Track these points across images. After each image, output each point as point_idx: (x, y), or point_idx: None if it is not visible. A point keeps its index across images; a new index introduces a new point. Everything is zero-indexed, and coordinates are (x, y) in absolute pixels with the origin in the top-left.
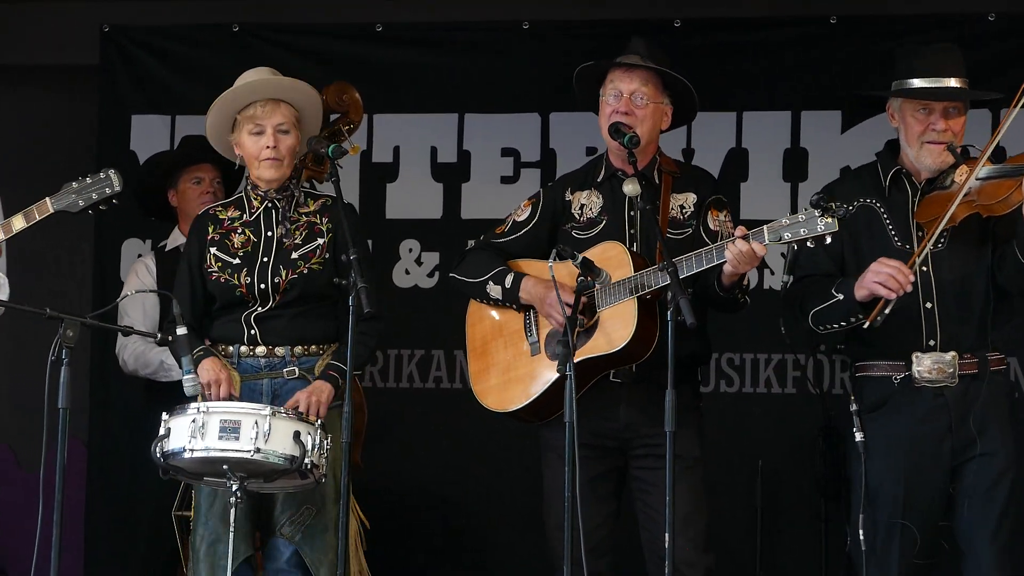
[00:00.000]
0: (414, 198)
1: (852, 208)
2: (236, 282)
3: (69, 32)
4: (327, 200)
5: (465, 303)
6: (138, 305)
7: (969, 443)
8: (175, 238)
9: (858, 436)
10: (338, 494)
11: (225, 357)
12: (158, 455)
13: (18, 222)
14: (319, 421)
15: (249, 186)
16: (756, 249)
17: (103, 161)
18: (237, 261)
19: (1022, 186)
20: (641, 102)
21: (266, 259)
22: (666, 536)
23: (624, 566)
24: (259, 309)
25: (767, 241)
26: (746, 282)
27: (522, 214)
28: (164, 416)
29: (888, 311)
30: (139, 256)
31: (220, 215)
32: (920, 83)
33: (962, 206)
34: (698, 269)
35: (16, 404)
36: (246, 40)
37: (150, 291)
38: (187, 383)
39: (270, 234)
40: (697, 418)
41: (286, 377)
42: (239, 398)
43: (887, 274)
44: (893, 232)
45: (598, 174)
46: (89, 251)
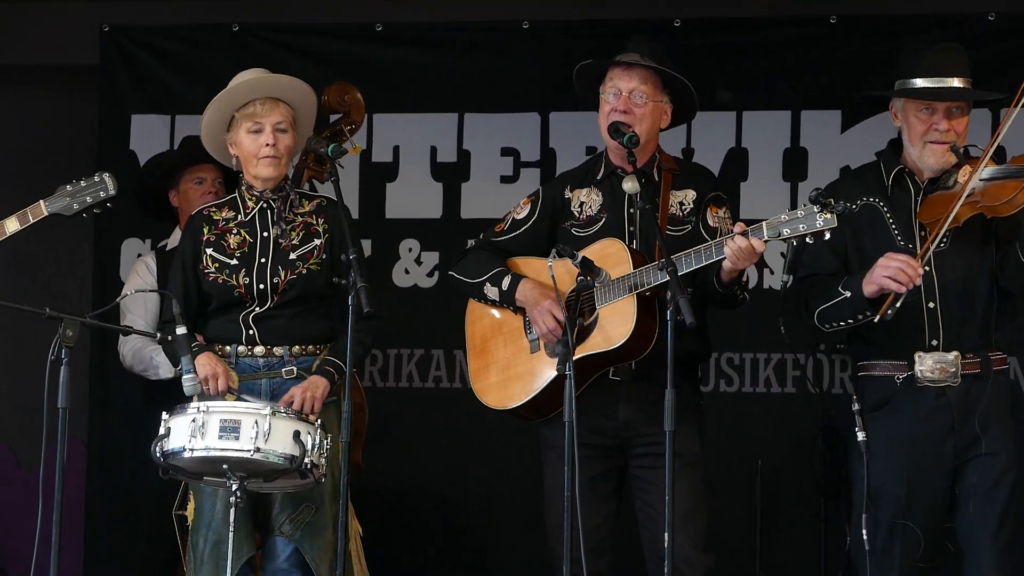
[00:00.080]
0: (414, 198)
1: (854, 207)
2: (234, 282)
3: (69, 32)
4: (322, 201)
5: (464, 302)
6: (139, 303)
7: (971, 443)
8: (176, 238)
9: (860, 436)
10: (338, 493)
11: (223, 357)
12: (158, 455)
13: (12, 224)
14: (319, 421)
15: (244, 187)
16: (755, 245)
17: (103, 161)
18: (235, 262)
19: None
20: (640, 100)
21: (263, 260)
22: (665, 535)
23: (624, 565)
24: (257, 309)
25: (766, 237)
26: (745, 278)
27: (521, 212)
28: (164, 416)
29: (898, 305)
30: (139, 256)
31: (215, 215)
32: (923, 83)
33: (966, 206)
34: (697, 265)
35: (16, 404)
36: (246, 40)
37: (150, 291)
38: (187, 382)
39: (266, 235)
40: (697, 416)
41: (284, 377)
42: (238, 391)
43: (896, 268)
44: (896, 231)
45: (598, 172)
46: (89, 251)
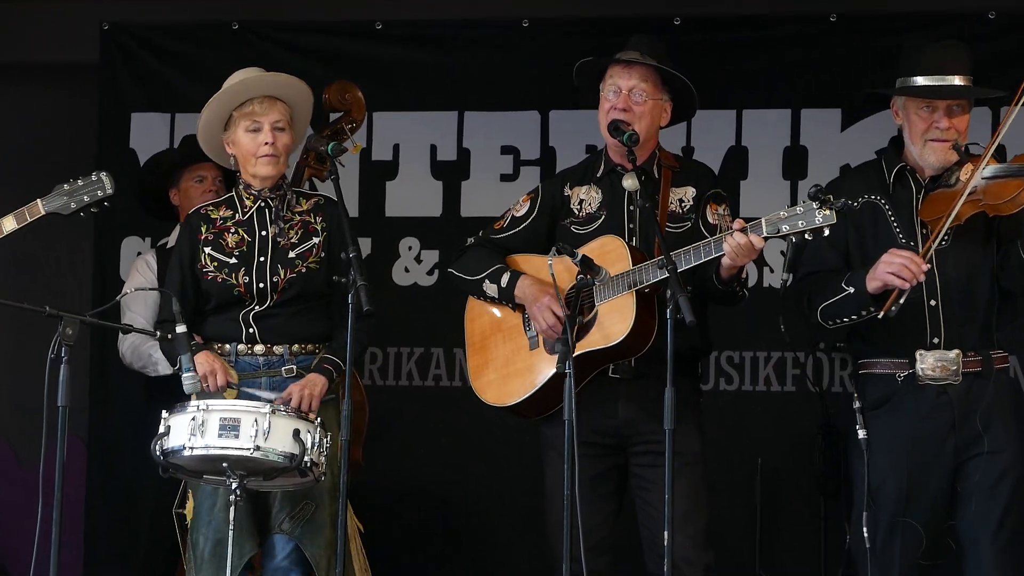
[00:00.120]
0: (414, 196)
1: (856, 204)
2: (234, 281)
3: (69, 30)
4: (319, 199)
5: (464, 300)
6: (140, 301)
7: (973, 441)
8: (176, 236)
9: (861, 434)
10: (338, 491)
11: (222, 355)
12: (158, 453)
13: (9, 223)
14: (318, 419)
15: (241, 186)
16: (754, 241)
17: (103, 159)
18: (233, 260)
19: None
20: (640, 99)
21: (263, 258)
22: (665, 534)
23: (624, 564)
24: (256, 308)
25: (765, 233)
26: (744, 275)
27: (521, 209)
28: (164, 414)
29: (902, 301)
30: (139, 254)
31: (212, 214)
32: (924, 81)
33: (968, 204)
34: (696, 262)
35: (16, 402)
36: (246, 38)
37: (150, 289)
38: (186, 381)
39: (264, 233)
40: (697, 413)
41: (284, 376)
42: (237, 385)
43: (900, 264)
44: (898, 229)
45: (597, 169)
46: (89, 249)
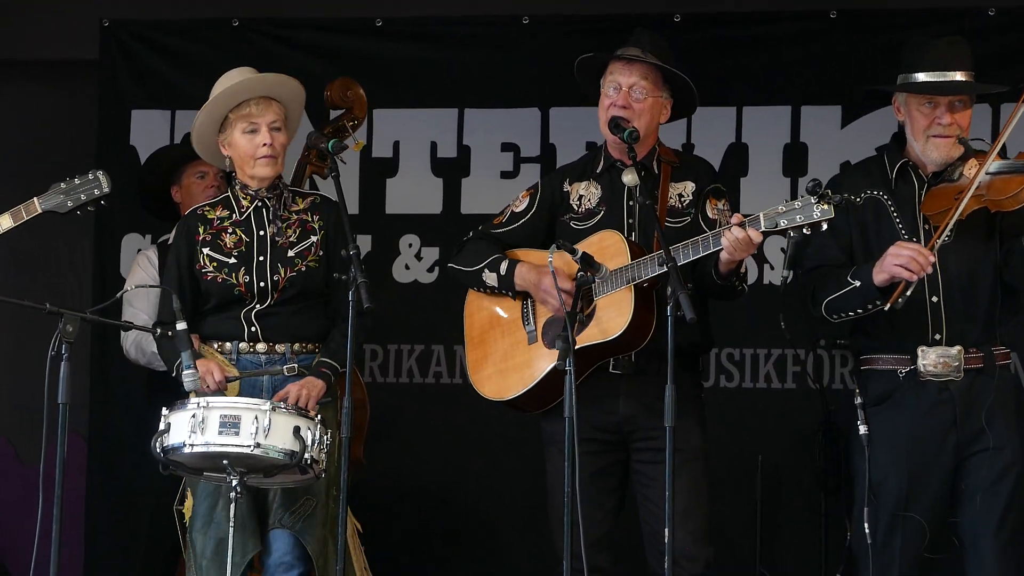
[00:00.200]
0: (414, 193)
1: (858, 200)
2: (234, 281)
3: (69, 27)
4: (316, 198)
5: (464, 297)
6: (142, 297)
7: (974, 437)
8: None
9: (862, 430)
10: (338, 488)
11: (223, 354)
12: (158, 450)
13: (5, 221)
14: (319, 416)
15: (237, 186)
16: (752, 236)
17: (103, 156)
18: (233, 260)
19: None
20: (640, 96)
21: (262, 258)
22: (666, 530)
23: (625, 560)
24: (258, 306)
25: (763, 228)
26: (743, 270)
27: (520, 205)
28: (164, 411)
29: (908, 294)
30: (139, 250)
31: (209, 215)
32: (925, 77)
33: (970, 200)
34: (694, 256)
35: (16, 399)
36: (246, 35)
37: (150, 286)
38: (187, 378)
39: (262, 233)
40: (698, 409)
41: (286, 374)
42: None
43: (908, 256)
44: (900, 225)
45: (597, 165)
46: (89, 247)
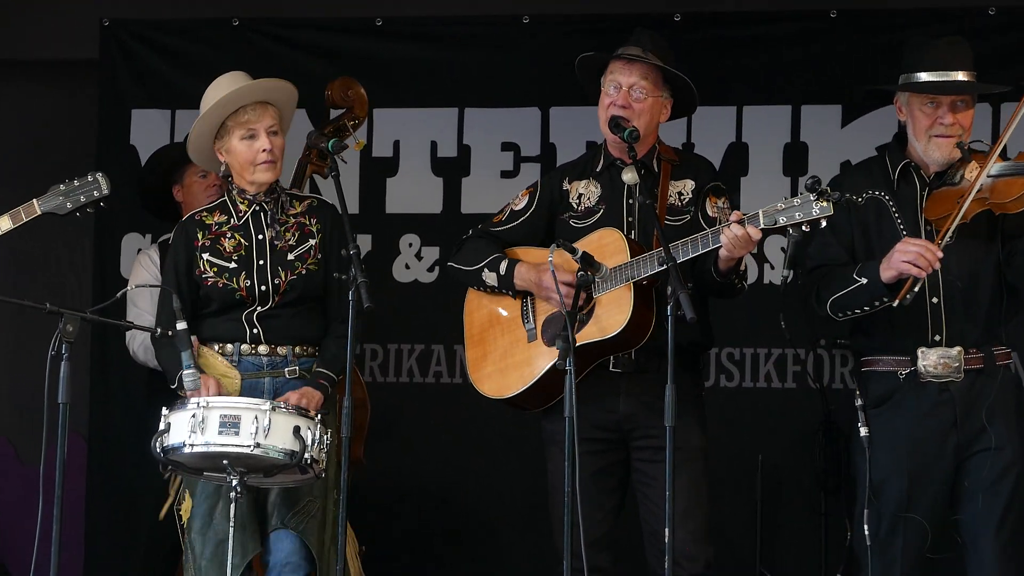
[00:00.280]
0: (414, 193)
1: (860, 199)
2: (235, 285)
3: (69, 27)
4: (313, 201)
5: (464, 296)
6: (146, 296)
7: (975, 437)
8: None
9: (863, 431)
10: (339, 488)
11: (223, 356)
12: (158, 450)
13: (5, 223)
14: (319, 416)
15: (234, 191)
16: (751, 233)
17: (103, 156)
18: (233, 265)
19: None
20: (640, 96)
21: (262, 262)
22: (666, 530)
23: (625, 559)
24: (259, 308)
25: (762, 225)
26: (743, 267)
27: (520, 203)
28: (164, 411)
29: (916, 289)
30: (139, 250)
31: (207, 220)
32: (927, 77)
33: (973, 202)
34: (693, 254)
35: (16, 399)
36: (246, 35)
37: (150, 285)
38: (187, 378)
39: (261, 237)
40: (698, 408)
41: (287, 376)
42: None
43: (916, 252)
44: (902, 226)
45: (596, 164)
46: (89, 246)
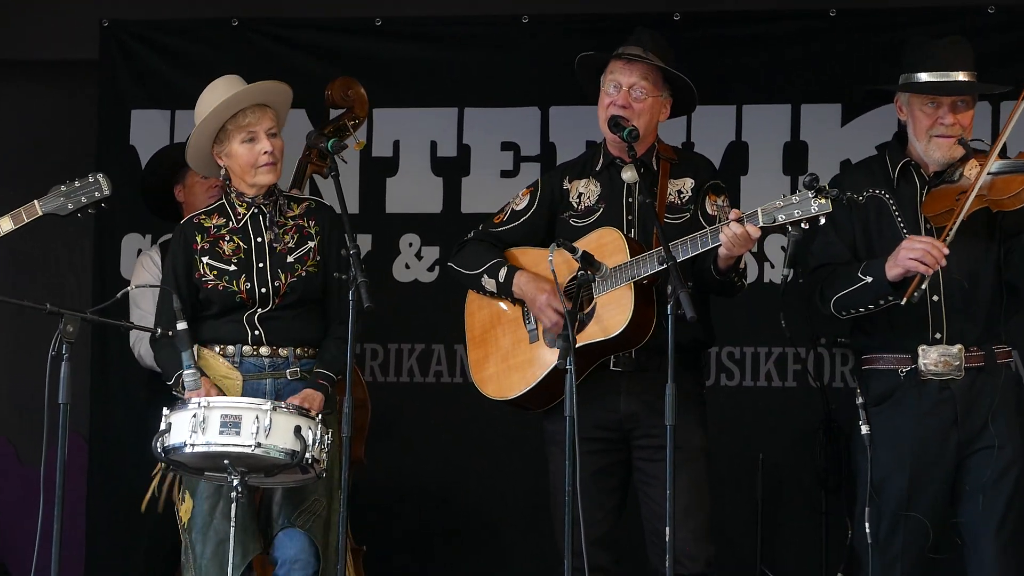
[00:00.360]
0: (414, 192)
1: (861, 198)
2: (235, 288)
3: (68, 27)
4: (311, 203)
5: (464, 295)
6: (148, 297)
7: (976, 436)
8: None
9: (864, 429)
10: (340, 488)
11: (224, 357)
12: (159, 450)
13: (6, 224)
14: (319, 416)
15: (233, 193)
16: (750, 231)
17: (103, 156)
18: (233, 268)
19: None
20: (640, 96)
21: (262, 264)
22: (667, 529)
23: (627, 558)
24: (260, 311)
25: (761, 223)
26: (743, 265)
27: (520, 203)
28: (165, 411)
29: (924, 287)
30: (140, 251)
31: (205, 223)
32: (928, 77)
33: (972, 200)
34: (693, 253)
35: (16, 399)
36: (246, 35)
37: (150, 286)
38: (187, 378)
39: (260, 240)
40: (699, 407)
41: (289, 378)
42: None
43: (922, 249)
44: (902, 224)
45: (596, 163)
46: (89, 247)
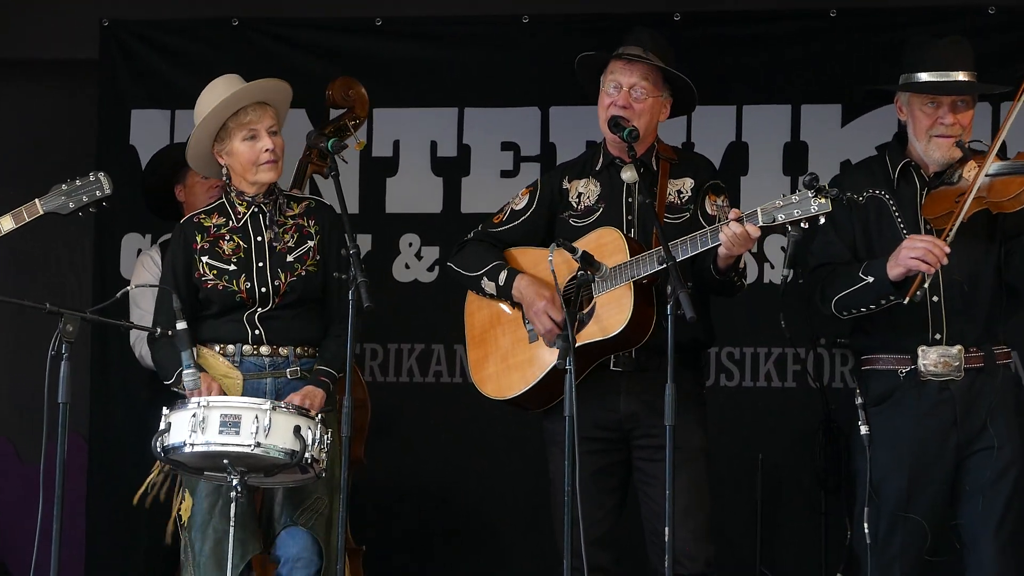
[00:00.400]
0: (414, 192)
1: (861, 198)
2: (235, 288)
3: (69, 27)
4: (310, 203)
5: (464, 295)
6: (149, 297)
7: (975, 437)
8: None
9: (863, 429)
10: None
11: (224, 357)
12: (158, 450)
13: (7, 223)
14: (319, 415)
15: (233, 193)
16: (750, 231)
17: (103, 156)
18: (233, 267)
19: None
20: (640, 96)
21: (261, 264)
22: (667, 529)
23: (626, 558)
24: (260, 310)
25: (760, 222)
26: (742, 265)
27: (520, 203)
28: (164, 411)
29: (926, 286)
30: (140, 251)
31: (205, 222)
32: (928, 77)
33: (971, 202)
34: (692, 252)
35: (16, 399)
36: (245, 34)
37: (150, 285)
38: (187, 377)
39: (260, 239)
40: (699, 407)
41: (289, 377)
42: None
43: (924, 248)
44: (902, 225)
45: (596, 162)
46: (89, 246)
